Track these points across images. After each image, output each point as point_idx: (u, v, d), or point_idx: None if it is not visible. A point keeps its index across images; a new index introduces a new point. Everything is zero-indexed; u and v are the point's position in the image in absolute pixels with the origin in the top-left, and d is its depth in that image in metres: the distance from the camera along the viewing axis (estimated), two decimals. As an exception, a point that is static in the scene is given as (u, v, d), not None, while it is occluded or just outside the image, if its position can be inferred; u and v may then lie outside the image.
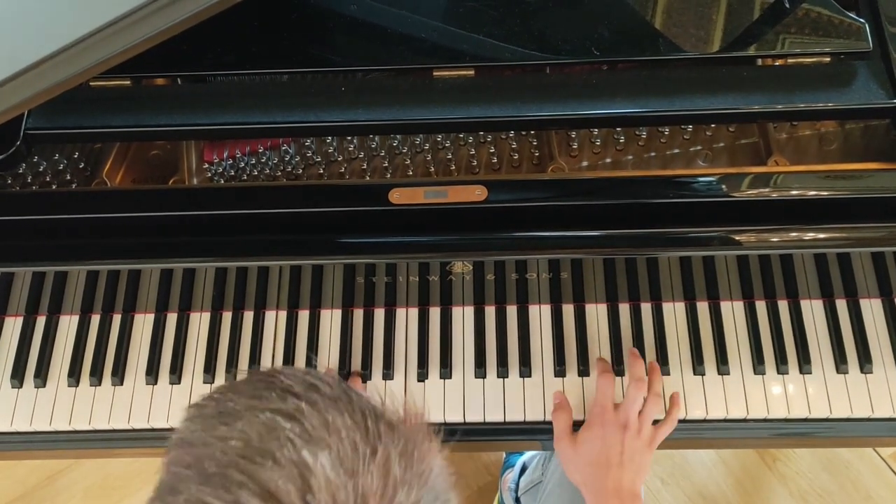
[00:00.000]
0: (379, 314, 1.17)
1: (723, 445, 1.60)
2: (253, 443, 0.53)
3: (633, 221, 1.02)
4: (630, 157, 1.10)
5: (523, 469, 1.68)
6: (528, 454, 1.74)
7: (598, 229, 1.02)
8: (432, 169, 1.09)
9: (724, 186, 1.02)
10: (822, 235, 1.02)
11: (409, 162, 1.10)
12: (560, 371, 1.12)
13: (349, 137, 1.10)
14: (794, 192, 1.01)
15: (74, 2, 0.70)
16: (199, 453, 0.55)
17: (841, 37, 1.03)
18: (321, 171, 1.10)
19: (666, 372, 1.12)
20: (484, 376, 1.13)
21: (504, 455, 1.87)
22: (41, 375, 1.15)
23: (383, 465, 0.54)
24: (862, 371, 1.11)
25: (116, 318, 1.18)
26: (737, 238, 1.02)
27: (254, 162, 1.11)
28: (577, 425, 1.09)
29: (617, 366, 1.12)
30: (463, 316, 1.16)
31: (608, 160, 1.10)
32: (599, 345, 1.14)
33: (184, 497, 0.52)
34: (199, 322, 1.18)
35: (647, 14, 1.07)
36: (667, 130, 1.09)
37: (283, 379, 0.58)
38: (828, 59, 1.04)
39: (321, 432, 0.54)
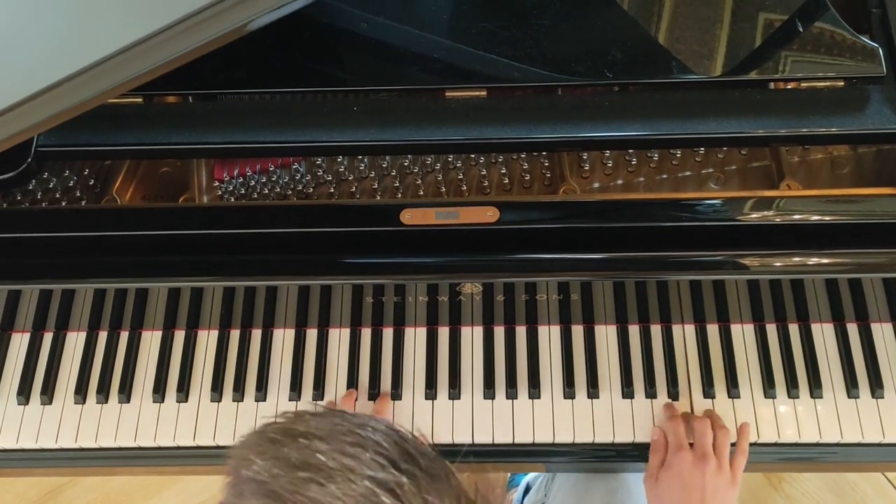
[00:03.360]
0: (388, 333, 1.16)
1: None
2: None
3: (644, 244, 1.02)
4: (641, 179, 1.09)
5: (527, 489, 1.67)
6: (531, 473, 1.73)
7: (610, 252, 1.02)
8: (443, 189, 1.09)
9: (735, 210, 1.02)
10: (834, 260, 1.02)
11: (419, 182, 1.09)
12: (570, 393, 1.12)
13: (360, 157, 1.10)
14: (806, 217, 1.01)
15: (93, 25, 0.70)
16: None
17: (855, 61, 1.03)
18: (332, 191, 1.09)
19: (675, 396, 1.12)
20: (493, 397, 1.13)
21: (507, 474, 1.86)
22: (47, 392, 1.14)
23: None
24: (873, 396, 1.11)
25: (124, 336, 1.17)
26: (748, 262, 1.02)
27: (264, 180, 1.10)
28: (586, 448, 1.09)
29: (627, 387, 1.12)
30: (472, 336, 1.16)
31: (619, 182, 1.09)
32: (609, 367, 1.14)
33: None
34: (207, 340, 1.17)
35: (660, 37, 1.07)
36: (678, 153, 1.09)
37: (372, 435, 0.55)
38: (841, 83, 1.04)
39: None
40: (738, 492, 1.04)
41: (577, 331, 1.15)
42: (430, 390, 1.13)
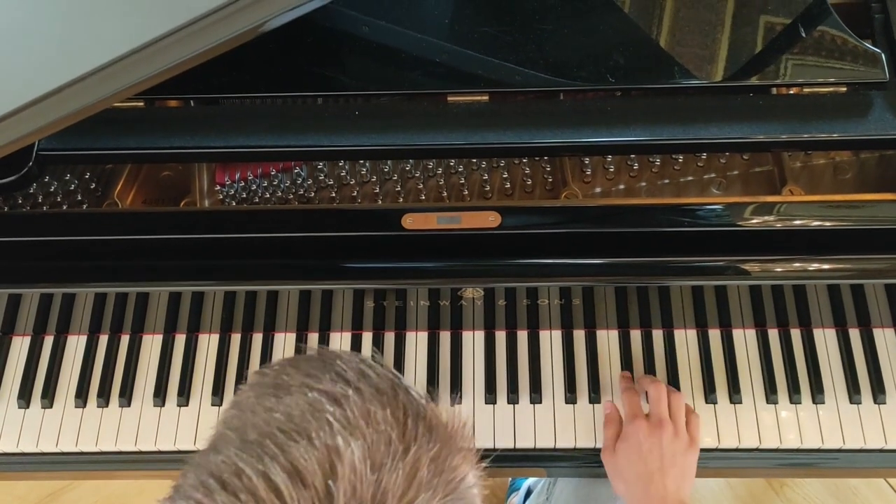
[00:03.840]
0: (389, 337, 1.16)
1: (732, 474, 1.59)
2: (294, 419, 0.55)
3: (646, 249, 1.02)
4: (643, 184, 1.09)
5: (528, 492, 1.67)
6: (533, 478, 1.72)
7: (612, 257, 1.02)
8: (445, 194, 1.08)
9: (737, 215, 1.01)
10: (836, 266, 1.01)
11: (421, 186, 1.09)
12: (571, 398, 1.11)
13: (361, 161, 1.10)
14: (808, 222, 1.01)
15: (97, 29, 0.70)
16: (245, 419, 0.57)
17: (857, 67, 1.03)
18: (333, 195, 1.09)
19: (677, 400, 1.12)
20: (494, 402, 1.12)
21: (509, 478, 1.86)
22: (48, 396, 1.14)
23: (412, 466, 0.54)
24: (875, 401, 1.10)
25: (124, 339, 1.17)
26: (750, 268, 1.01)
27: (265, 185, 1.10)
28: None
29: (628, 391, 1.12)
30: (473, 341, 1.15)
31: (621, 186, 1.09)
32: (611, 371, 1.13)
33: (222, 457, 0.54)
34: (208, 344, 1.17)
35: (662, 42, 1.07)
36: (681, 158, 1.09)
37: (340, 364, 0.60)
38: (844, 88, 1.03)
39: (359, 421, 0.55)
40: (699, 452, 1.04)
41: (579, 335, 1.15)
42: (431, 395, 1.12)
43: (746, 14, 1.08)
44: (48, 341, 1.17)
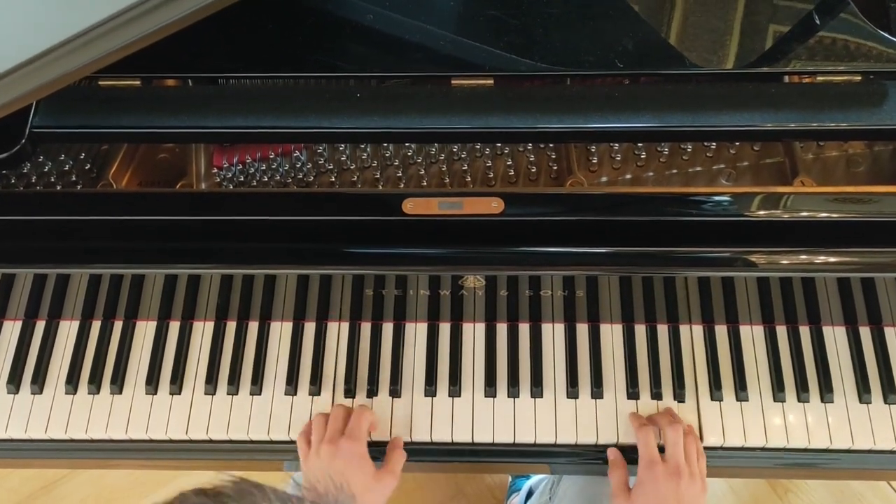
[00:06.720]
0: (387, 328, 1.13)
1: (734, 474, 1.56)
2: None
3: (652, 239, 0.99)
4: (651, 174, 1.07)
5: (529, 493, 1.64)
6: (534, 478, 1.70)
7: (616, 246, 0.99)
8: (447, 180, 1.06)
9: (746, 206, 0.99)
10: (843, 259, 0.99)
11: (423, 172, 1.07)
12: (573, 393, 1.09)
13: (362, 145, 1.08)
14: (819, 214, 0.98)
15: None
16: None
17: (873, 56, 1.01)
18: (333, 179, 1.07)
19: (682, 397, 1.09)
20: (494, 395, 1.10)
21: (510, 478, 1.83)
22: (38, 382, 1.12)
23: None
24: (886, 401, 1.08)
25: (118, 325, 1.15)
26: (757, 259, 0.99)
27: (264, 168, 1.08)
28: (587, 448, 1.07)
29: (632, 388, 1.09)
30: (474, 332, 1.13)
31: (628, 176, 1.07)
32: (614, 367, 1.11)
33: None
34: (203, 331, 1.15)
35: (673, 27, 1.05)
36: (689, 147, 1.06)
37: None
38: (858, 77, 1.01)
39: None
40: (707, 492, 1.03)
41: (582, 329, 1.13)
42: (430, 387, 1.10)
43: (760, 1, 1.05)
44: (40, 326, 1.15)
